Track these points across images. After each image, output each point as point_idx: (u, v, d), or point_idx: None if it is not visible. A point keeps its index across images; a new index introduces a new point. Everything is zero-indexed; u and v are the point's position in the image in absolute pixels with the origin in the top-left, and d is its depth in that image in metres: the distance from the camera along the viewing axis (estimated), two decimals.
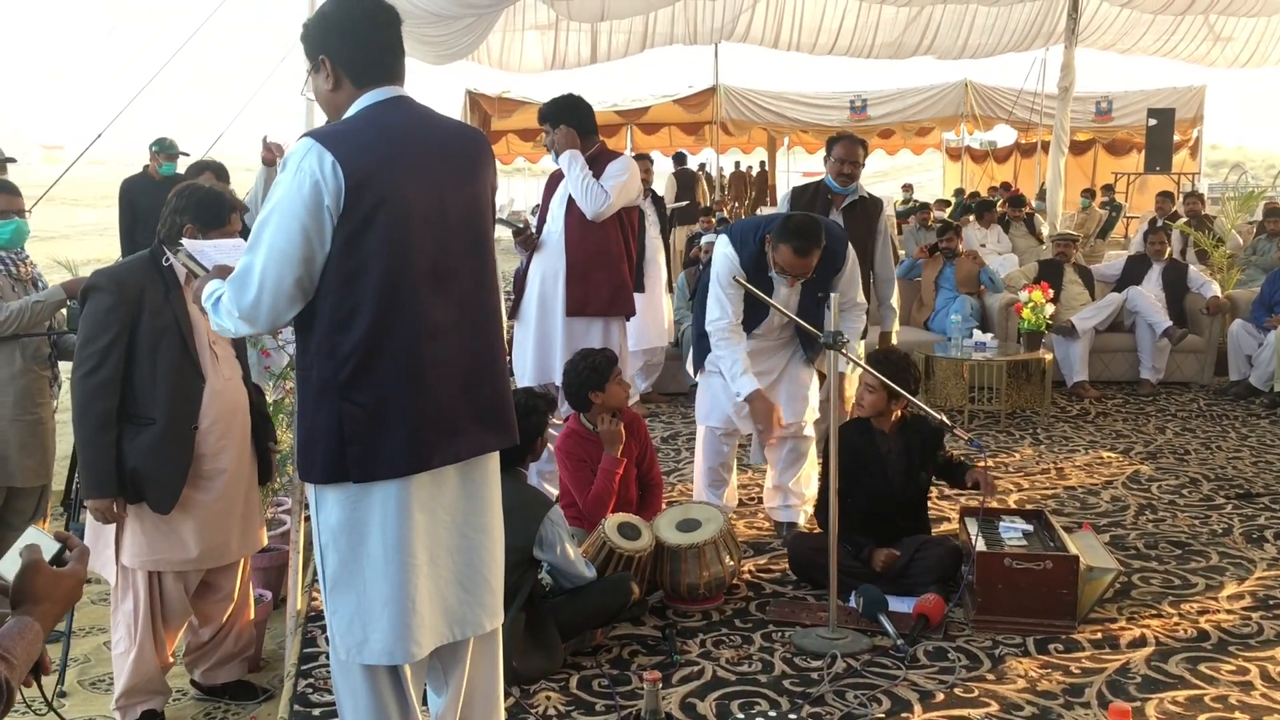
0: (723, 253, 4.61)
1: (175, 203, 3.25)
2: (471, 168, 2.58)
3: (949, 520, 4.91)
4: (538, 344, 4.99)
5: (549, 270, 4.97)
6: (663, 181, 14.19)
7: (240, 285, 2.38)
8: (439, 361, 2.45)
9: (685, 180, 15.15)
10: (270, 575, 4.20)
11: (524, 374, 5.07)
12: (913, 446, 4.33)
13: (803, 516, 4.86)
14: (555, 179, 5.12)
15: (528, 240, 5.06)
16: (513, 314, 5.17)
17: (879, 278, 5.49)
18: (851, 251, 4.73)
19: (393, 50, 2.52)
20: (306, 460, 2.47)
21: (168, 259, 3.22)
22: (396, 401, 2.40)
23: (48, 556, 1.63)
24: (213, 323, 2.51)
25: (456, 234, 2.50)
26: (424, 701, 2.77)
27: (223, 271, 2.56)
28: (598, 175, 4.88)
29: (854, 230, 5.12)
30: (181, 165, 6.98)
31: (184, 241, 2.86)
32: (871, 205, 5.48)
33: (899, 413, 4.33)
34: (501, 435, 2.63)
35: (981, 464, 4.46)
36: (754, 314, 4.63)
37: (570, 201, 4.92)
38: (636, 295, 6.91)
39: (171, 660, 3.49)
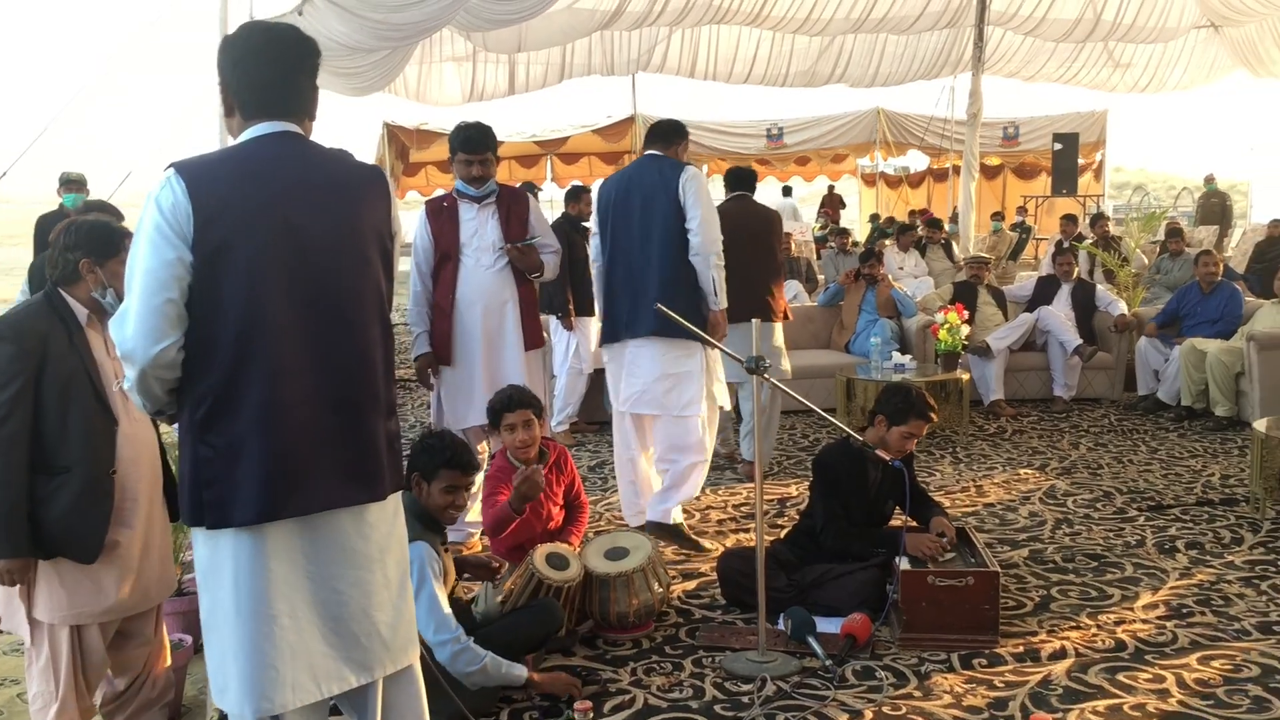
0: None
1: (64, 240, 3.10)
2: (353, 204, 2.46)
3: None
4: (487, 381, 4.86)
5: (491, 305, 4.91)
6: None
7: (118, 319, 2.33)
8: (295, 409, 2.36)
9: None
10: (190, 619, 4.09)
11: (467, 416, 4.93)
12: (891, 479, 4.37)
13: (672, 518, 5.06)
14: (450, 209, 4.97)
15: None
16: (447, 359, 4.96)
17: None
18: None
19: (286, 85, 2.44)
20: (180, 502, 2.43)
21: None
22: (248, 448, 2.32)
23: None
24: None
25: (325, 276, 2.40)
26: None
27: None
28: (519, 217, 4.97)
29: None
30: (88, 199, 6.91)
31: None
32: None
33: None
34: (366, 488, 2.47)
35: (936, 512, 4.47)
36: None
37: (509, 234, 4.92)
38: (585, 319, 7.16)
39: (93, 707, 3.39)
